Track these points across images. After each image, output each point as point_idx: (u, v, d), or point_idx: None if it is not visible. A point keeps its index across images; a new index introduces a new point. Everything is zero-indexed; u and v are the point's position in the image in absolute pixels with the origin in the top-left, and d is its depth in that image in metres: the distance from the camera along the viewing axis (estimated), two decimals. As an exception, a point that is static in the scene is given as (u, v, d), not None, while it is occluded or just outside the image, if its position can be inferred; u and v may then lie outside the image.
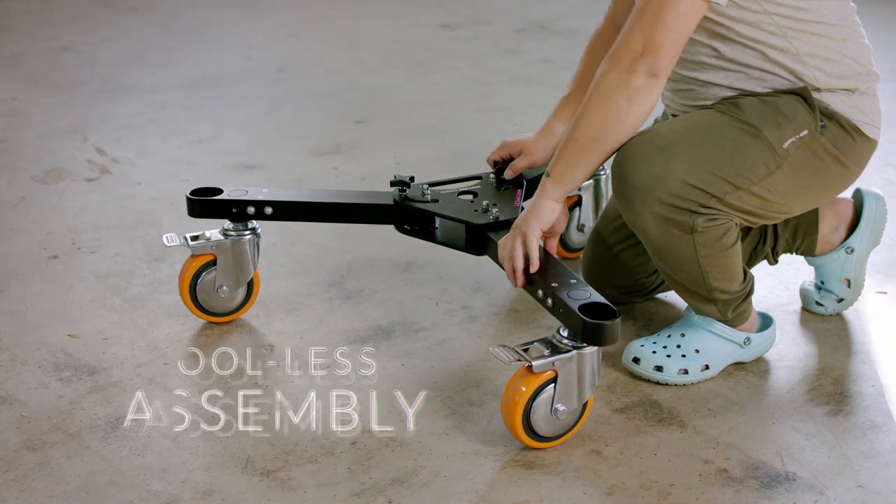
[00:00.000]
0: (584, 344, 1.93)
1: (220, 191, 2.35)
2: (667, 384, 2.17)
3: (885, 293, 2.53)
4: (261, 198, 2.32)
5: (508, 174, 2.39)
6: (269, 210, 2.31)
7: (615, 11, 2.37)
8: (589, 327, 1.89)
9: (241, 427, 2.07)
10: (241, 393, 2.17)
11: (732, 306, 2.17)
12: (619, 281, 2.41)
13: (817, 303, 2.42)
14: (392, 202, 2.30)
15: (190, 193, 2.34)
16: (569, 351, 1.93)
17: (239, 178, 3.19)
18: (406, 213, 2.29)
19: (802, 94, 2.08)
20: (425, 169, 3.25)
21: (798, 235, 2.35)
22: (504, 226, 2.21)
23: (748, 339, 2.21)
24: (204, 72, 4.16)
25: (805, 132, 2.06)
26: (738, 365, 2.24)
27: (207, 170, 3.26)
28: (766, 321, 2.28)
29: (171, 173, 3.23)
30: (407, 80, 4.11)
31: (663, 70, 1.96)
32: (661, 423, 2.07)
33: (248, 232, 2.35)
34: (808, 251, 2.38)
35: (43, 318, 2.44)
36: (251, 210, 2.31)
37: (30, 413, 2.11)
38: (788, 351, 2.30)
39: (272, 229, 2.85)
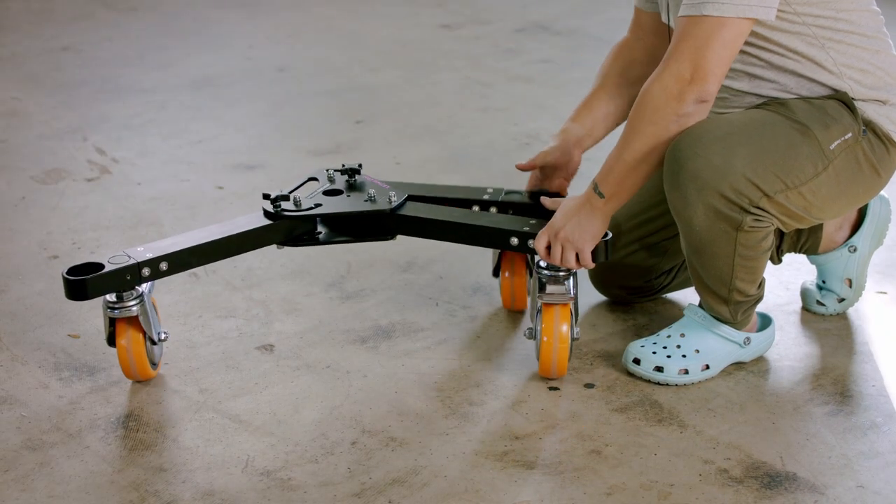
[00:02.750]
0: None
1: (101, 265, 2.08)
2: (667, 384, 2.17)
3: (885, 293, 2.53)
4: (150, 256, 2.10)
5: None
6: (164, 266, 2.11)
7: (637, 33, 2.36)
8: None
9: (240, 427, 2.07)
10: (240, 393, 2.17)
11: (743, 309, 2.17)
12: (628, 283, 2.41)
13: (818, 302, 2.42)
14: (274, 219, 2.20)
15: (67, 273, 2.05)
16: (567, 270, 2.11)
17: (239, 178, 3.19)
18: (296, 223, 2.22)
19: (843, 100, 2.09)
20: (425, 169, 3.25)
21: (803, 234, 2.35)
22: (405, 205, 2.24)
23: (748, 338, 2.21)
24: (204, 72, 4.16)
25: (849, 135, 2.07)
26: (739, 365, 2.24)
27: (207, 170, 3.26)
28: (764, 321, 2.28)
29: (171, 173, 3.23)
30: (407, 80, 4.11)
31: (712, 95, 1.97)
32: (661, 423, 2.07)
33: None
34: (812, 250, 2.38)
35: (43, 318, 2.44)
36: (147, 272, 2.09)
37: (30, 413, 2.11)
38: (789, 351, 2.30)
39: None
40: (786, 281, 2.56)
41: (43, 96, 3.88)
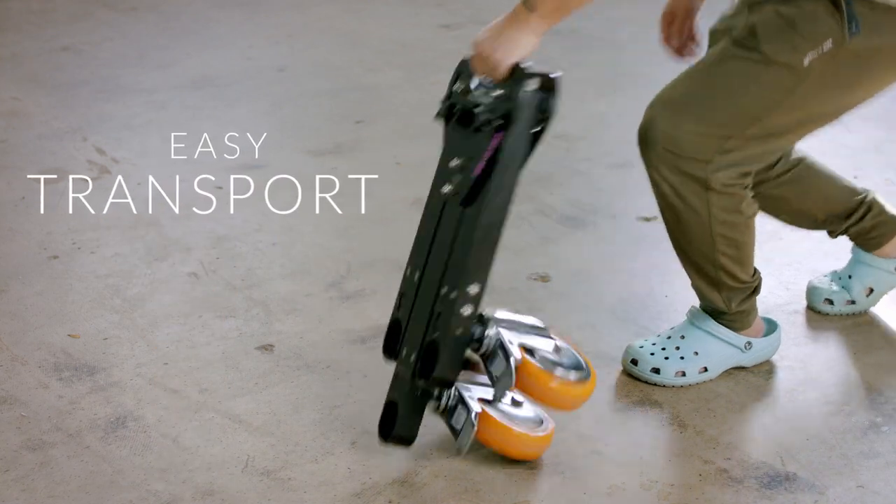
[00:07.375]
0: None
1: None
2: (664, 386, 2.17)
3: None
4: None
5: None
6: None
7: None
8: None
9: (240, 427, 2.07)
10: (240, 393, 2.17)
11: (738, 298, 2.16)
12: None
13: (827, 300, 2.40)
14: None
15: None
16: None
17: (239, 178, 3.19)
18: None
19: None
20: (426, 169, 3.24)
21: (877, 227, 2.35)
22: None
23: (749, 343, 2.20)
24: (204, 72, 4.15)
25: (828, 42, 1.97)
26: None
27: (207, 170, 3.26)
28: (770, 326, 2.26)
29: (171, 173, 3.23)
30: (407, 80, 4.11)
31: None
32: (661, 423, 2.07)
33: None
34: (871, 247, 2.37)
35: (43, 318, 2.44)
36: None
37: (30, 413, 2.11)
38: (789, 351, 2.30)
39: (272, 228, 2.85)
40: (786, 281, 2.56)
41: (43, 96, 3.88)
